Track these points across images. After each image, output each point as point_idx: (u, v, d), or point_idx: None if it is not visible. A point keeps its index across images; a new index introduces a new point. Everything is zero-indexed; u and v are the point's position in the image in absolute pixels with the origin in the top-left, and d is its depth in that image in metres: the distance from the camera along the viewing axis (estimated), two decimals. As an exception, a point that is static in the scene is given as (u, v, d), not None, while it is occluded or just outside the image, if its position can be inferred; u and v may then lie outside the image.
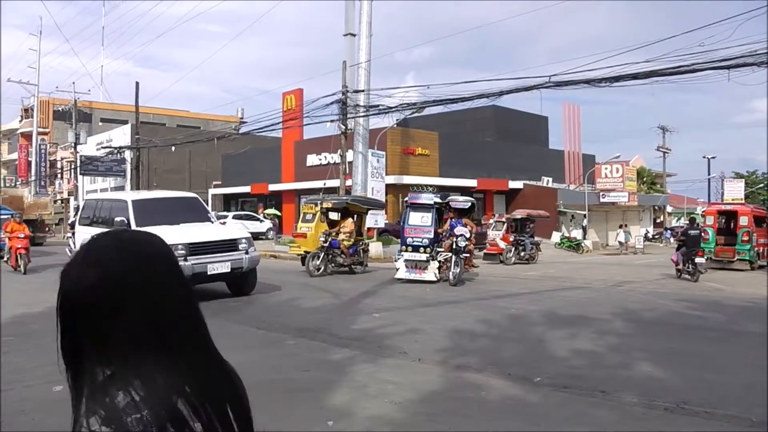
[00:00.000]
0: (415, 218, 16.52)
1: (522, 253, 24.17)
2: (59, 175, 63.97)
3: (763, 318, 11.06)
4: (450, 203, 17.02)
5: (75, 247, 14.48)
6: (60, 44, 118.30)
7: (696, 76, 15.31)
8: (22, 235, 17.89)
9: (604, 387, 6.11)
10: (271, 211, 40.59)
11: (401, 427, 5.07)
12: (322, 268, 16.97)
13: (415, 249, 15.99)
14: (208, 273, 11.71)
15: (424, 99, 22.66)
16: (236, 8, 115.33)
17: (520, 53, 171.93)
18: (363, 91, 24.72)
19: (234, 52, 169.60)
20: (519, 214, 26.69)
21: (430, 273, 15.77)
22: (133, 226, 11.38)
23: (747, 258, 21.03)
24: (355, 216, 18.99)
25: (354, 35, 25.62)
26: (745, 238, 21.13)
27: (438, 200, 16.99)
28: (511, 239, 24.46)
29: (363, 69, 24.84)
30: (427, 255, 15.86)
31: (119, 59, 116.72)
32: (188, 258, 11.23)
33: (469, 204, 17.32)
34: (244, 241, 12.46)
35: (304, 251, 18.13)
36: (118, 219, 12.10)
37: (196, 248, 11.56)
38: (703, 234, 21.81)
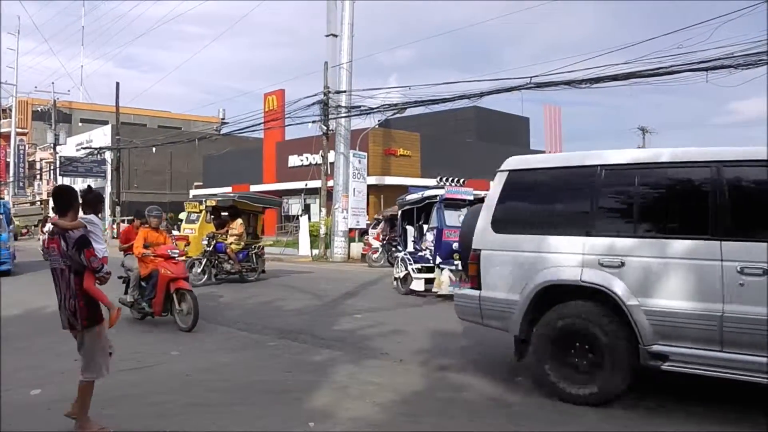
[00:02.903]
0: (452, 218, 13.38)
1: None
2: (38, 177, 63.40)
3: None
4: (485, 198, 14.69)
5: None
6: (39, 44, 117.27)
7: (675, 77, 15.45)
8: (175, 253, 9.74)
9: (584, 386, 6.14)
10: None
11: (383, 428, 5.06)
12: (205, 276, 14.86)
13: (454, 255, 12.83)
14: None
15: (406, 100, 22.69)
16: (217, 10, 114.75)
17: (501, 55, 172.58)
18: (345, 91, 24.72)
19: (215, 53, 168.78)
20: (392, 210, 23.58)
21: None
22: None
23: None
24: (251, 216, 17.16)
25: (336, 36, 25.61)
26: None
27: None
28: (381, 238, 22.02)
29: (345, 70, 24.83)
30: None
31: (99, 59, 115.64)
32: None
33: None
34: None
35: (186, 257, 15.18)
36: None
37: None
38: None
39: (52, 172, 51.89)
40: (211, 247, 14.97)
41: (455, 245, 12.32)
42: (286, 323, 9.90)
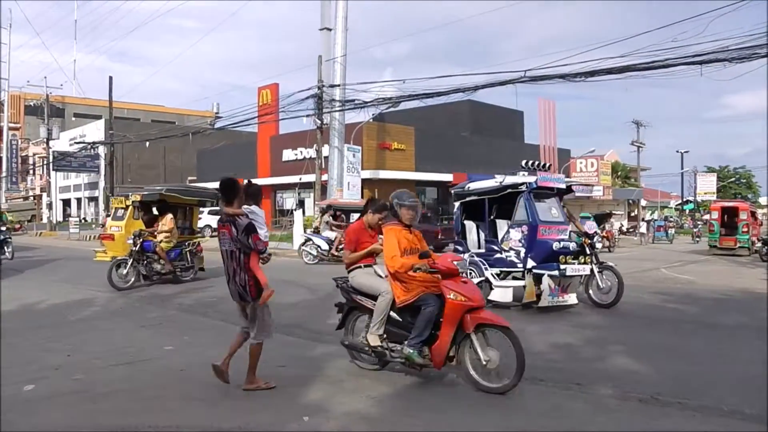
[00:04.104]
0: (544, 211, 11.16)
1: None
2: (31, 171, 63.18)
3: (735, 310, 11.25)
4: (572, 187, 12.99)
5: None
6: (31, 38, 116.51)
7: (669, 71, 15.51)
8: (464, 265, 7.75)
9: (579, 380, 6.16)
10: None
11: (377, 422, 5.06)
12: (133, 278, 13.40)
13: (559, 257, 10.40)
14: None
15: (400, 94, 22.75)
16: (211, 4, 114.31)
17: (496, 49, 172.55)
18: (339, 85, 24.71)
19: (209, 48, 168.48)
20: (325, 203, 23.08)
21: (573, 293, 11.00)
22: None
23: (746, 245, 25.58)
24: (187, 209, 16.11)
25: (330, 30, 25.59)
26: (745, 229, 25.80)
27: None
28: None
29: (339, 64, 24.82)
30: (589, 266, 10.91)
31: (92, 54, 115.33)
32: None
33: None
34: None
35: (112, 257, 14.41)
36: None
37: None
38: (709, 226, 28.12)
39: (45, 166, 51.71)
40: (138, 246, 13.52)
41: (555, 245, 10.44)
42: (280, 318, 9.82)
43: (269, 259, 6.26)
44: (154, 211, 15.11)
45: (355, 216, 24.44)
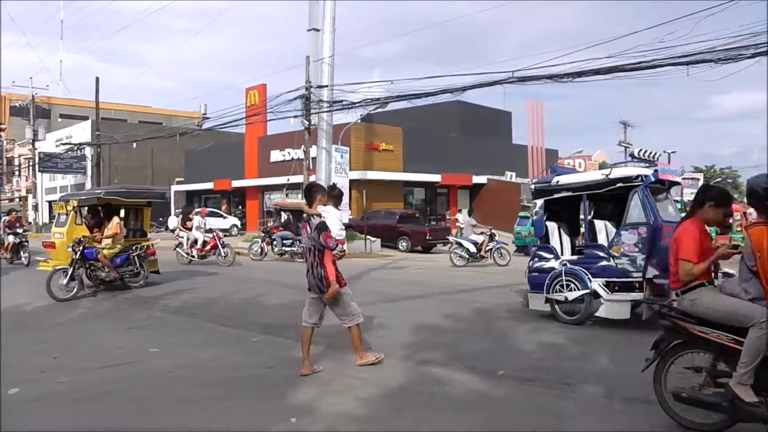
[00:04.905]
0: (660, 208, 9.27)
1: (275, 249, 22.01)
2: (17, 173, 62.73)
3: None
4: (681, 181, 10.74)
5: None
6: (16, 38, 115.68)
7: (656, 71, 15.55)
8: None
9: (567, 379, 6.17)
10: None
11: (366, 423, 5.05)
12: (74, 290, 12.32)
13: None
14: None
15: (388, 94, 22.70)
16: (199, 4, 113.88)
17: (484, 49, 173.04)
18: (327, 86, 24.65)
19: (197, 47, 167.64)
20: (274, 203, 23.79)
21: None
22: None
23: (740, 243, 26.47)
24: (138, 211, 15.36)
25: (318, 30, 25.55)
26: (738, 228, 26.82)
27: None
28: (264, 230, 22.32)
29: (326, 64, 24.77)
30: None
31: (79, 54, 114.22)
32: None
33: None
34: None
35: (54, 267, 12.94)
36: None
37: None
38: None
39: (30, 168, 51.33)
40: (78, 254, 12.52)
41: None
42: (269, 318, 9.85)
43: (343, 256, 6.99)
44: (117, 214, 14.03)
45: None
